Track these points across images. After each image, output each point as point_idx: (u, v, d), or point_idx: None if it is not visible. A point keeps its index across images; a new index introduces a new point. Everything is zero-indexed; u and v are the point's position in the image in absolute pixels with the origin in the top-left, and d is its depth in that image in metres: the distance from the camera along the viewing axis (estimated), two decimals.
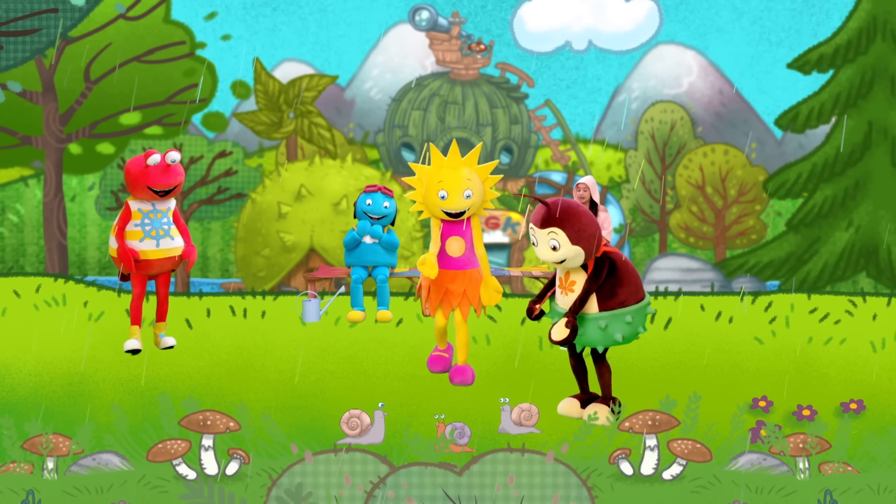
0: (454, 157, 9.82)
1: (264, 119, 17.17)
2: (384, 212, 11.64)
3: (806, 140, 17.46)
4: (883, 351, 10.92)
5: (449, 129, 17.34)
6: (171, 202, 10.67)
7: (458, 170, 9.76)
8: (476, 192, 9.75)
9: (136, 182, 10.44)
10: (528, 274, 11.91)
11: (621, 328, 9.05)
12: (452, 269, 9.91)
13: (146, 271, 10.52)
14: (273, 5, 17.36)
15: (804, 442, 8.41)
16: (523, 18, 17.21)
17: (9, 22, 15.83)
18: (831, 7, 17.20)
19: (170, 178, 10.47)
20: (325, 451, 8.27)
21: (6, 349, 10.54)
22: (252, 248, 17.02)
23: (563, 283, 9.14)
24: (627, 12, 17.35)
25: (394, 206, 11.80)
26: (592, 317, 9.04)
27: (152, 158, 10.36)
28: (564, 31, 17.36)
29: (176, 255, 10.54)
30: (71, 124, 16.66)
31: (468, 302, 9.95)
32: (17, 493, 8.19)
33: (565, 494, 8.15)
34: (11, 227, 17.25)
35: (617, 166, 17.83)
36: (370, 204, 11.62)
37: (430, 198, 9.81)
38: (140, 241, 10.44)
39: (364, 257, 11.63)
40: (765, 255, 17.40)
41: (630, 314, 9.07)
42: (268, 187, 16.92)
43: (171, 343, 10.72)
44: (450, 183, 9.73)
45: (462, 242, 9.89)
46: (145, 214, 10.49)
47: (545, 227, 8.95)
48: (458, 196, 9.72)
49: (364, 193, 11.86)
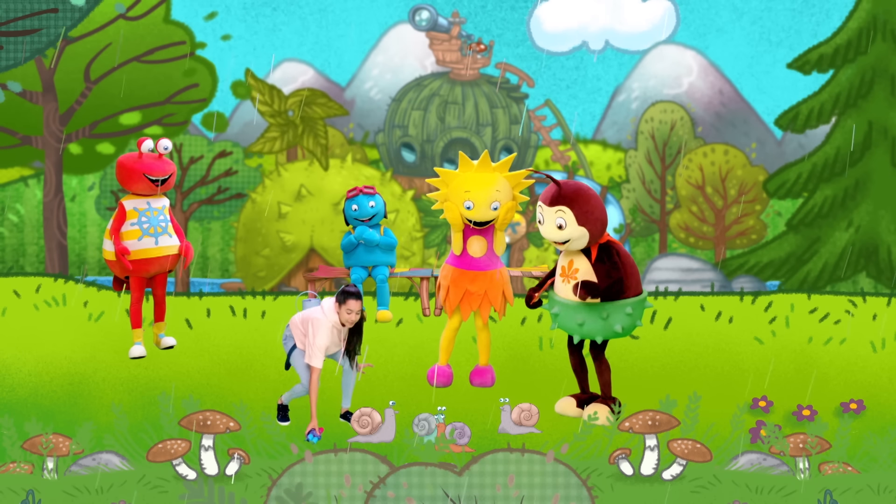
0: (484, 165, 9.65)
1: (274, 134, 17.16)
2: (372, 212, 11.67)
3: (806, 140, 17.45)
4: (883, 351, 10.92)
5: (449, 128, 17.34)
6: (165, 200, 10.58)
7: (487, 180, 9.62)
8: (503, 202, 9.67)
9: (131, 172, 10.36)
10: (528, 274, 11.91)
11: (621, 319, 9.06)
12: (473, 270, 9.85)
13: (144, 271, 10.38)
14: (273, 5, 17.35)
15: (804, 442, 8.41)
16: (540, 19, 17.20)
17: (9, 22, 15.83)
18: (831, 7, 17.19)
19: (165, 165, 10.44)
20: (325, 451, 8.27)
21: (6, 349, 10.54)
22: (252, 248, 17.01)
23: (565, 271, 9.13)
24: (644, 12, 17.34)
25: (380, 202, 11.78)
26: (594, 306, 9.03)
27: (146, 144, 10.35)
28: (581, 31, 17.35)
29: (174, 253, 10.45)
30: (71, 124, 16.65)
31: (489, 303, 9.92)
32: (17, 493, 8.19)
33: (565, 494, 8.15)
34: (11, 227, 17.25)
35: (617, 166, 17.82)
36: (356, 209, 11.67)
37: (456, 205, 9.70)
38: (139, 240, 10.33)
39: (363, 258, 11.65)
40: (765, 255, 17.40)
41: (630, 306, 9.08)
42: (268, 187, 16.92)
43: (172, 343, 10.67)
44: (476, 194, 9.59)
45: (484, 242, 9.83)
46: (142, 213, 10.38)
47: (553, 206, 8.96)
48: (485, 208, 9.61)
49: (348, 200, 11.85)
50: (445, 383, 10.01)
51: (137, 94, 16.71)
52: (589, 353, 9.38)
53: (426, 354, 10.51)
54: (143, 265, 10.34)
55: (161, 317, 10.68)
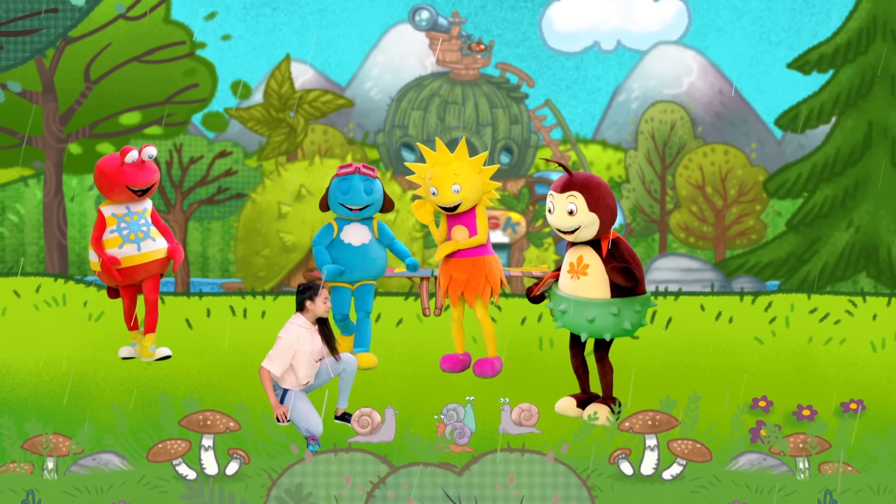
0: (441, 154, 9.96)
1: (256, 114, 17.14)
2: (366, 200, 9.98)
3: (806, 140, 17.46)
4: (883, 351, 10.92)
5: (449, 128, 17.34)
6: (146, 202, 10.11)
7: (446, 166, 9.90)
8: (466, 186, 9.86)
9: (112, 182, 9.85)
10: (528, 274, 11.91)
11: (631, 316, 9.06)
12: (457, 258, 10.01)
13: (132, 279, 10.02)
14: (273, 5, 17.36)
15: (804, 442, 8.41)
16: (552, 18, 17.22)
17: (9, 22, 15.83)
18: (831, 7, 17.20)
19: (147, 175, 9.93)
20: (325, 451, 8.27)
21: (6, 349, 10.53)
22: (252, 248, 17.02)
23: (574, 267, 9.12)
24: (656, 12, 17.35)
25: (378, 190, 10.03)
26: (604, 303, 9.02)
27: (130, 155, 9.81)
28: (593, 31, 17.37)
29: (161, 256, 10.05)
30: (71, 124, 16.66)
31: (472, 290, 10.01)
32: (17, 493, 8.19)
33: (565, 494, 8.15)
34: (11, 227, 17.25)
35: (617, 166, 17.83)
36: (346, 193, 9.93)
37: (426, 194, 9.98)
38: (120, 248, 9.92)
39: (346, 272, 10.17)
40: (765, 255, 17.40)
41: (639, 303, 9.10)
42: (268, 187, 16.92)
43: (166, 353, 10.22)
44: (437, 179, 9.87)
45: (466, 232, 10.01)
46: (120, 219, 9.95)
47: (565, 192, 8.99)
48: (447, 191, 9.85)
49: (337, 178, 9.95)
50: (451, 368, 10.15)
51: (137, 94, 16.72)
52: (591, 354, 9.37)
53: (426, 354, 10.51)
54: (128, 273, 9.99)
55: (152, 326, 10.19)
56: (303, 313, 8.80)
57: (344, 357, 8.91)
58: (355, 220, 10.02)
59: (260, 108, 17.14)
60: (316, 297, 8.79)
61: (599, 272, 9.05)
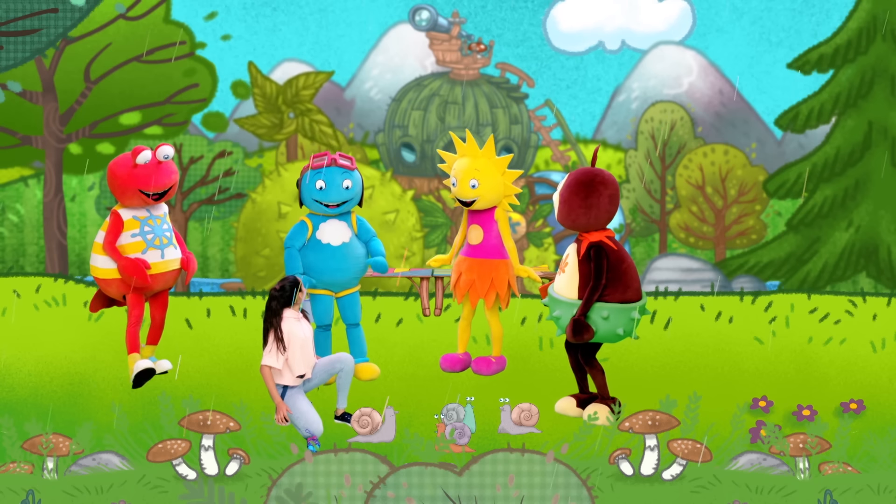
0: (470, 147, 9.85)
1: (265, 122, 17.16)
2: (345, 196, 8.86)
3: (806, 140, 17.45)
4: (883, 351, 10.92)
5: (449, 129, 17.34)
6: (165, 206, 9.28)
7: (470, 159, 9.81)
8: (485, 183, 9.77)
9: (124, 186, 8.91)
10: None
11: (624, 323, 9.05)
12: (470, 257, 9.98)
13: (149, 289, 9.23)
14: (273, 5, 17.35)
15: (804, 442, 8.41)
16: (556, 19, 17.22)
17: (9, 22, 15.83)
18: (831, 7, 17.19)
19: (163, 177, 8.96)
20: (325, 451, 8.27)
21: (6, 349, 10.53)
22: (252, 248, 17.01)
23: (563, 262, 9.20)
24: (660, 12, 17.34)
25: (357, 181, 8.94)
26: (595, 307, 9.03)
27: (142, 156, 8.83)
28: (598, 31, 17.36)
29: (178, 267, 9.35)
30: (71, 124, 16.65)
31: (476, 292, 10.00)
32: (17, 493, 8.20)
33: (565, 494, 8.15)
34: (11, 227, 17.25)
35: (617, 166, 17.82)
36: (322, 187, 8.78)
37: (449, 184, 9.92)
38: (143, 254, 9.08)
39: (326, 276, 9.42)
40: (765, 255, 17.40)
41: (635, 310, 9.10)
42: (268, 187, 16.92)
43: (167, 367, 9.59)
44: (458, 171, 9.78)
45: (480, 232, 9.95)
46: (143, 222, 9.08)
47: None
48: (465, 185, 9.75)
49: (310, 171, 8.89)
50: (450, 368, 10.12)
51: (137, 94, 16.71)
52: None
53: (426, 354, 10.51)
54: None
55: (155, 339, 9.55)
56: (293, 307, 8.81)
57: (341, 356, 8.92)
58: (332, 217, 9.12)
59: (261, 116, 17.16)
60: (299, 294, 8.76)
61: (574, 270, 9.08)
